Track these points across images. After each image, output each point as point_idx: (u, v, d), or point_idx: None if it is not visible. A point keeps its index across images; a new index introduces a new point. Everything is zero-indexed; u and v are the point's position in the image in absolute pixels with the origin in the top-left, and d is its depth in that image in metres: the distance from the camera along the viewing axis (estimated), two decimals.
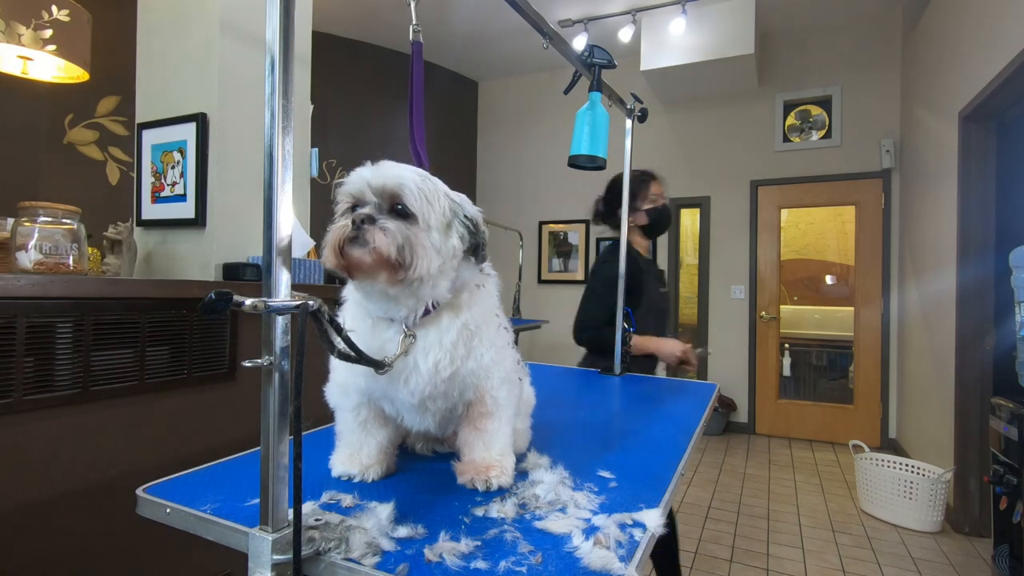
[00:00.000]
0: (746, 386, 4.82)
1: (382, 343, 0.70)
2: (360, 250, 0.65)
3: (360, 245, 0.65)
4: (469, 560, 0.55)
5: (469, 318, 0.74)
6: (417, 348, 0.71)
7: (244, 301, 0.52)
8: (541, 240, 5.70)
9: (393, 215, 0.68)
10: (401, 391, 0.72)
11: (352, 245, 0.66)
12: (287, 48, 0.55)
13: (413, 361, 0.71)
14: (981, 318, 2.88)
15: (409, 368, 0.71)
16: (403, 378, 0.71)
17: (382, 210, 0.68)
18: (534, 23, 1.33)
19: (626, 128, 1.89)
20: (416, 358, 0.71)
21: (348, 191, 0.70)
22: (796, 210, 4.91)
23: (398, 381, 0.71)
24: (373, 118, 4.94)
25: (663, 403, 1.37)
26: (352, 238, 0.66)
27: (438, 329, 0.72)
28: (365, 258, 0.65)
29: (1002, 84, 2.49)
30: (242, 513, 0.63)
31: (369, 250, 0.65)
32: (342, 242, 0.66)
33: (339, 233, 0.66)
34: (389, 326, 0.71)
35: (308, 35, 2.11)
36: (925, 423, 3.59)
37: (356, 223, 0.65)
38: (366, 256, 0.65)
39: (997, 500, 2.28)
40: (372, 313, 0.72)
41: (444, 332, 0.72)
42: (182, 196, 1.83)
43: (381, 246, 0.65)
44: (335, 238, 0.67)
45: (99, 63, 2.33)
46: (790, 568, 2.49)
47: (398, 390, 0.72)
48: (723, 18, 4.06)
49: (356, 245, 0.66)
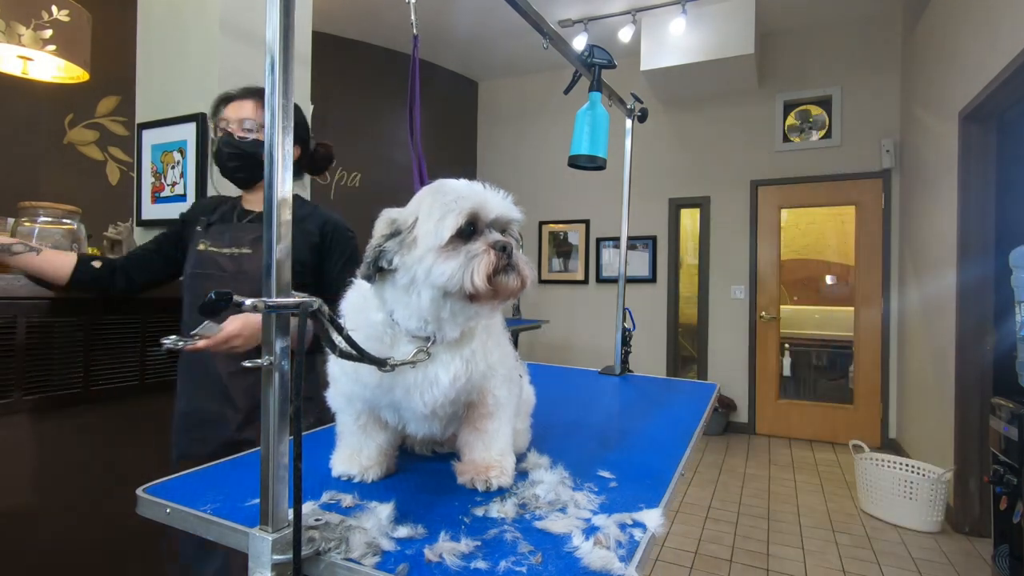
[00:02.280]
0: (746, 386, 4.82)
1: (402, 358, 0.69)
2: (512, 279, 0.67)
3: (512, 273, 0.67)
4: (469, 560, 0.55)
5: (486, 323, 0.75)
6: (438, 361, 0.71)
7: (244, 301, 0.52)
8: (541, 240, 5.70)
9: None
10: (416, 403, 0.72)
11: (506, 273, 0.67)
12: (287, 48, 0.55)
13: (434, 374, 0.71)
14: (981, 318, 2.88)
15: (429, 381, 0.71)
16: (419, 392, 0.71)
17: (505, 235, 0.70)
18: (534, 23, 1.33)
19: (626, 128, 1.89)
20: (438, 371, 0.71)
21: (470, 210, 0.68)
22: (796, 210, 4.91)
23: (414, 394, 0.71)
24: (373, 118, 4.94)
25: (663, 403, 1.37)
26: (505, 267, 0.67)
27: (461, 342, 0.72)
28: (515, 286, 0.67)
29: (1002, 84, 2.49)
30: (242, 513, 0.63)
31: (520, 279, 0.68)
32: (496, 270, 0.67)
33: (494, 260, 0.67)
34: (410, 341, 0.71)
35: (308, 35, 2.11)
36: (925, 423, 3.58)
37: (506, 252, 0.67)
38: (516, 284, 0.67)
39: (997, 500, 2.28)
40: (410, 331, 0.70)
41: (466, 344, 0.73)
42: (182, 196, 1.83)
43: (527, 274, 0.68)
44: (489, 266, 0.67)
45: (99, 63, 2.33)
46: (790, 568, 2.49)
47: (413, 402, 0.72)
48: (723, 18, 4.06)
49: (508, 273, 0.67)
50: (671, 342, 5.10)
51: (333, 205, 4.56)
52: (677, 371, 5.15)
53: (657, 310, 5.13)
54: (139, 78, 1.97)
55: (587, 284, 5.48)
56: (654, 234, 5.16)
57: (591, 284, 5.46)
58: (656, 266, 5.15)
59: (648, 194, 5.06)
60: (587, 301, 5.47)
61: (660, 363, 5.10)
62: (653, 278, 5.15)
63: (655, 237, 5.16)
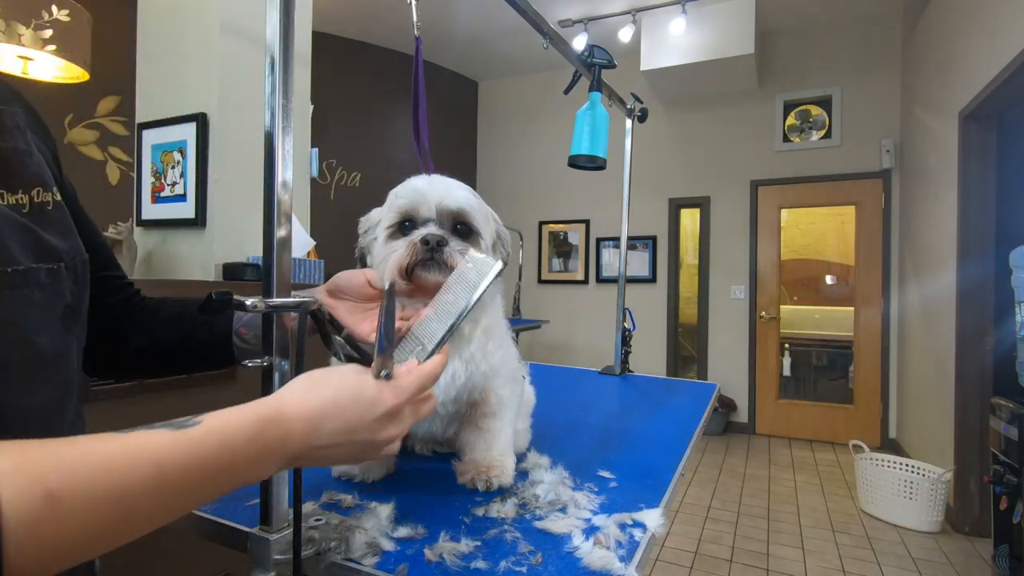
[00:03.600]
0: (746, 386, 4.82)
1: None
2: (436, 274, 0.64)
3: (436, 268, 0.64)
4: (469, 560, 0.55)
5: (486, 324, 0.75)
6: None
7: (244, 301, 0.52)
8: (541, 240, 5.70)
9: (456, 236, 0.67)
10: None
11: (425, 268, 0.64)
12: (287, 48, 0.55)
13: None
14: (981, 318, 2.88)
15: None
16: None
17: (444, 229, 0.67)
18: (534, 23, 1.33)
19: (626, 128, 1.89)
20: None
21: (402, 206, 0.68)
22: (796, 210, 4.91)
23: None
24: (373, 118, 4.94)
25: (663, 403, 1.37)
26: (425, 261, 0.64)
27: (459, 342, 0.72)
28: (442, 281, 0.64)
29: (1002, 84, 2.49)
30: (242, 513, 0.63)
31: (449, 274, 0.64)
32: (412, 264, 0.64)
33: (409, 254, 0.64)
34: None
35: (308, 35, 2.11)
36: (925, 423, 3.58)
37: (430, 245, 0.64)
38: (443, 280, 0.63)
39: (997, 500, 2.28)
40: None
41: (464, 345, 0.72)
42: (182, 196, 1.83)
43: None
44: (403, 259, 0.64)
45: (99, 63, 2.33)
46: (790, 568, 2.49)
47: None
48: (723, 18, 4.06)
49: (430, 268, 0.64)
50: (671, 342, 5.10)
51: (333, 205, 4.56)
52: (677, 371, 5.15)
53: (657, 310, 5.13)
54: (139, 78, 1.97)
55: (587, 284, 5.48)
56: (654, 234, 5.16)
57: (591, 284, 5.46)
58: (656, 266, 5.15)
59: (648, 194, 5.06)
60: (587, 301, 5.47)
61: (660, 363, 5.10)
62: (653, 278, 5.15)
63: (655, 237, 5.16)
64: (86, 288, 0.52)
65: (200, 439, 0.38)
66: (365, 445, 0.47)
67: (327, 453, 0.46)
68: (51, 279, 0.46)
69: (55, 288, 0.46)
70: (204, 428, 0.39)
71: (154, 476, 0.35)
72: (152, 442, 0.36)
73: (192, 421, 0.39)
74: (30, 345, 0.44)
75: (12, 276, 0.42)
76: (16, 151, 0.46)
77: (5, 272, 0.42)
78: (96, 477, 0.32)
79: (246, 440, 0.40)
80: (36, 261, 0.44)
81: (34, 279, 0.44)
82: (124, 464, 0.34)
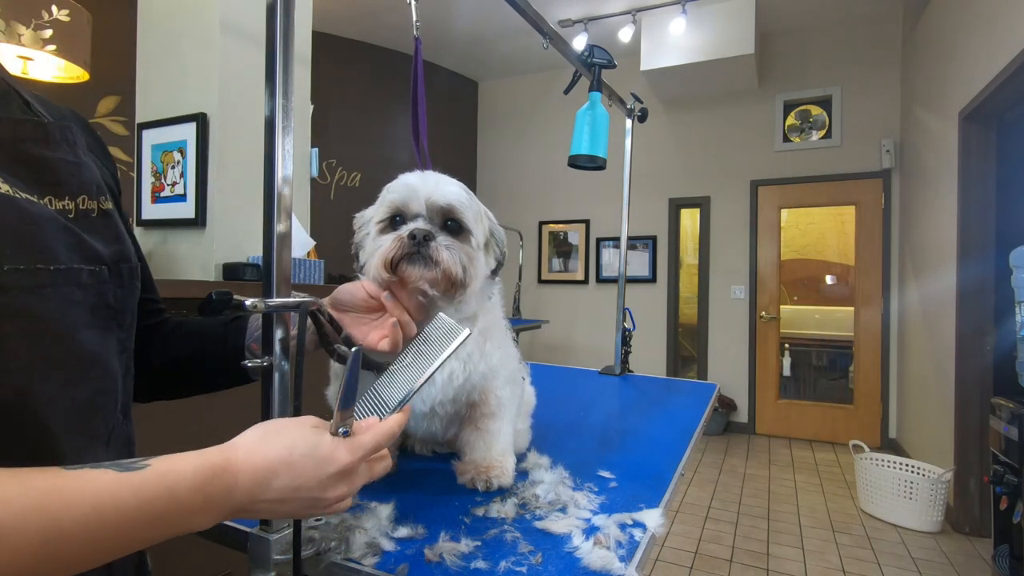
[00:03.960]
0: (746, 386, 4.82)
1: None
2: (420, 268, 0.64)
3: (421, 262, 0.64)
4: (469, 560, 0.55)
5: (484, 325, 0.74)
6: None
7: (244, 301, 0.52)
8: (541, 240, 5.70)
9: (446, 232, 0.67)
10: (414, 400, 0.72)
11: (410, 262, 0.64)
12: (287, 48, 0.55)
13: None
14: (981, 318, 2.88)
15: None
16: None
17: (434, 224, 0.67)
18: (534, 23, 1.33)
19: (626, 128, 1.89)
20: None
21: (393, 201, 0.67)
22: (796, 210, 4.91)
23: None
24: (373, 118, 4.94)
25: (663, 403, 1.37)
26: (410, 255, 0.64)
27: None
28: (427, 276, 0.64)
29: (1002, 84, 2.49)
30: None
31: (435, 269, 0.64)
32: (397, 258, 0.64)
33: (394, 248, 0.64)
34: None
35: (308, 35, 2.11)
36: (925, 423, 3.58)
37: (416, 239, 0.64)
38: (428, 274, 0.63)
39: (997, 500, 2.28)
40: None
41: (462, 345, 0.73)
42: (182, 196, 1.83)
43: (449, 265, 0.64)
44: (388, 253, 0.64)
45: (99, 63, 2.33)
46: (790, 568, 2.49)
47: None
48: (723, 18, 4.06)
49: (415, 262, 0.64)
50: (671, 342, 5.10)
51: (333, 205, 4.56)
52: (677, 371, 5.15)
53: (657, 310, 5.13)
54: (139, 78, 1.97)
55: (587, 284, 5.48)
56: (654, 234, 5.16)
57: (591, 284, 5.46)
58: (656, 266, 5.15)
59: (648, 194, 5.06)
60: (587, 301, 5.47)
61: (660, 363, 5.10)
62: (653, 278, 5.15)
63: (655, 237, 5.16)
64: (132, 294, 0.54)
65: (143, 483, 0.37)
66: (314, 503, 0.47)
67: (274, 507, 0.46)
68: (92, 280, 0.48)
69: (97, 289, 0.48)
70: (150, 472, 0.38)
71: (92, 518, 0.34)
72: (95, 482, 0.36)
73: (140, 464, 0.39)
74: (72, 341, 0.46)
75: (55, 274, 0.44)
76: (64, 162, 0.49)
77: (48, 270, 0.44)
78: (28, 514, 0.32)
79: (191, 489, 0.40)
80: (79, 262, 0.47)
81: (76, 279, 0.46)
82: (60, 504, 0.33)
